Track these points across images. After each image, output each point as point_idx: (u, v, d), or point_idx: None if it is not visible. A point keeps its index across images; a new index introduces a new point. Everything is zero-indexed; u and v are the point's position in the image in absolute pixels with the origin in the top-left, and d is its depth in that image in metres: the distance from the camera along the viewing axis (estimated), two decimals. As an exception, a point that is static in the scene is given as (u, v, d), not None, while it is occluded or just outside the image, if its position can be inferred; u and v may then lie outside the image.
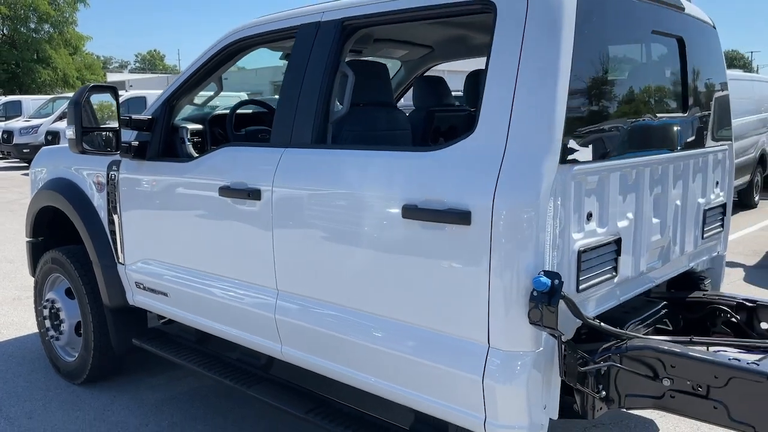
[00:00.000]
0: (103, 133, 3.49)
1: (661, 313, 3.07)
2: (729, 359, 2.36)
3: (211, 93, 3.95)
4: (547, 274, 2.14)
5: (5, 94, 33.00)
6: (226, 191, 3.09)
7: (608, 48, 2.47)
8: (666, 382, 2.43)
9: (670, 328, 3.11)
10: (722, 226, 3.50)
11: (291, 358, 3.04)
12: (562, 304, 2.22)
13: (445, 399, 2.43)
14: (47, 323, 4.43)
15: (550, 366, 2.28)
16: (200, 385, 4.30)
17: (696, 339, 2.66)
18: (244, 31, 3.35)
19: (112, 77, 55.86)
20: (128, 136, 3.70)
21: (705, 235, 3.29)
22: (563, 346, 2.24)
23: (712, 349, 2.63)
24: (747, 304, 3.16)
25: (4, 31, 39.64)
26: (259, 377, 3.32)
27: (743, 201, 11.34)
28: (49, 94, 32.76)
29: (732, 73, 11.76)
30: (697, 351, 2.44)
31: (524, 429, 2.29)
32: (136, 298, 3.88)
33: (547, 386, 2.31)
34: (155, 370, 4.49)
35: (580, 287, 2.37)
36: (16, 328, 5.42)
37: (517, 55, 2.27)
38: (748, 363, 2.32)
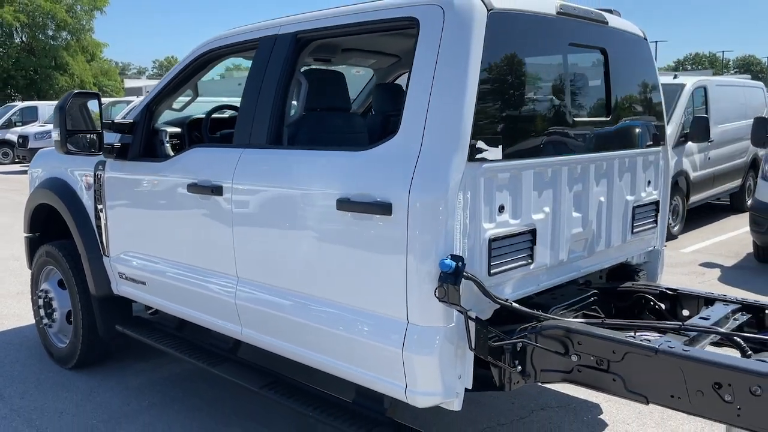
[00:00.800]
0: (88, 135, 3.83)
1: (590, 300, 3.35)
2: (625, 336, 2.64)
3: (195, 99, 4.28)
4: (453, 257, 2.44)
5: (24, 99, 33.75)
6: (193, 188, 3.42)
7: (519, 59, 2.77)
8: (574, 358, 2.72)
9: (601, 315, 3.37)
10: (655, 222, 3.77)
11: (250, 339, 3.36)
12: (470, 284, 2.52)
13: (374, 371, 2.74)
14: (41, 312, 4.79)
15: (462, 340, 2.57)
16: (181, 370, 4.62)
17: (607, 321, 2.94)
18: (215, 42, 3.69)
19: (129, 83, 56.75)
20: (113, 138, 4.04)
21: (635, 230, 3.57)
22: (470, 321, 2.53)
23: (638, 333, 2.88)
24: (669, 292, 3.44)
25: (23, 39, 40.49)
26: (224, 358, 3.64)
27: (735, 205, 11.53)
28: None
29: (723, 79, 11.97)
30: (600, 330, 2.72)
31: (439, 395, 2.59)
32: (120, 288, 4.21)
33: (461, 358, 2.61)
34: (141, 357, 4.82)
35: (492, 271, 2.66)
36: (18, 320, 5.78)
37: (433, 66, 2.58)
38: (641, 340, 2.60)
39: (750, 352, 2.64)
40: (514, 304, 2.75)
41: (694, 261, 8.04)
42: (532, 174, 2.82)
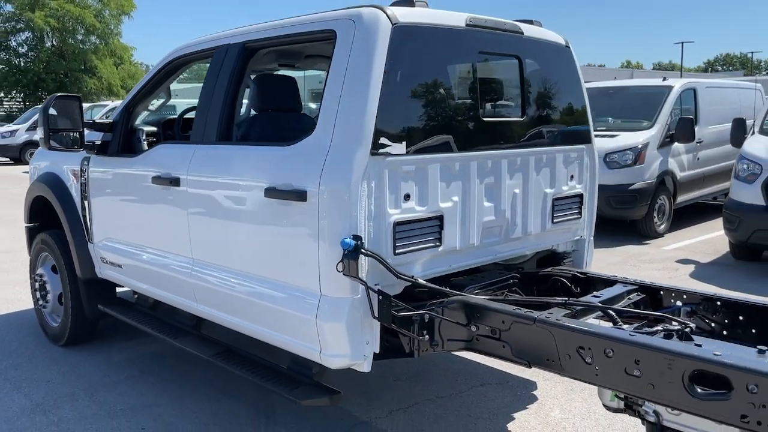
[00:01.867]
0: (72, 133, 4.30)
1: (509, 282, 3.72)
2: (513, 309, 3.01)
3: (168, 100, 4.74)
4: (354, 237, 2.84)
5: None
6: (157, 179, 3.87)
7: (424, 66, 3.16)
8: (473, 329, 3.10)
9: (522, 295, 3.72)
10: (579, 213, 4.11)
11: (204, 314, 3.79)
12: (372, 260, 2.92)
13: (296, 337, 3.15)
14: (37, 294, 5.28)
15: (368, 309, 2.96)
16: (160, 348, 5.07)
17: (509, 298, 3.31)
18: (181, 50, 4.14)
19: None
20: (98, 136, 4.51)
21: (556, 221, 3.92)
22: (371, 292, 2.92)
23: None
24: (580, 276, 3.80)
25: (54, 42, 41.71)
26: (186, 333, 4.08)
27: (728, 205, 11.68)
28: (94, 102, 34.33)
29: (714, 80, 12.14)
30: (494, 304, 3.09)
31: (347, 357, 2.99)
32: (102, 271, 4.68)
33: (368, 326, 2.99)
34: (126, 336, 5.29)
35: (397, 251, 3.05)
36: (22, 304, 6.29)
37: (344, 72, 2.98)
38: (524, 311, 2.97)
39: (620, 323, 3.00)
40: (420, 280, 3.14)
41: (673, 258, 8.31)
42: (438, 167, 3.20)
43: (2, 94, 42.29)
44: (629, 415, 2.84)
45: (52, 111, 4.12)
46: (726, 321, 3.23)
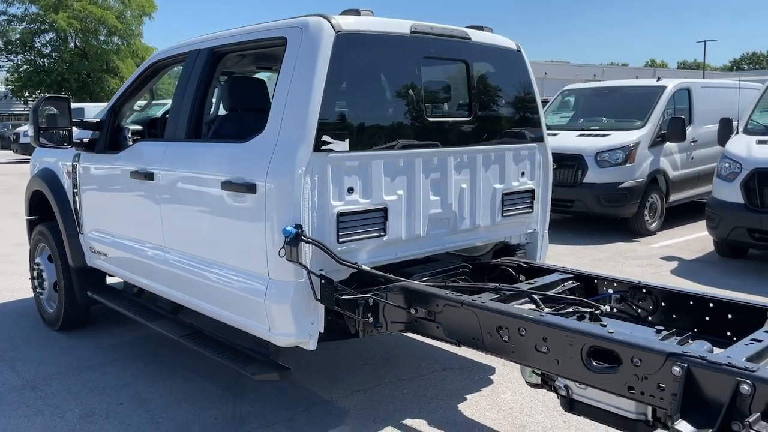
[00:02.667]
0: (62, 131, 4.64)
1: (459, 271, 3.98)
2: (446, 293, 3.27)
3: (152, 101, 5.06)
4: (296, 226, 3.13)
5: (77, 101, 35.57)
6: (134, 174, 4.19)
7: (367, 70, 3.44)
8: (413, 311, 3.37)
9: (471, 283, 3.97)
10: (531, 208, 4.36)
11: (176, 299, 4.11)
12: (315, 247, 3.20)
13: (250, 317, 3.44)
14: (35, 282, 5.64)
15: (311, 292, 3.24)
16: (147, 334, 5.38)
17: (448, 285, 3.57)
18: (160, 55, 4.46)
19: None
20: (88, 134, 4.85)
21: (506, 214, 4.17)
22: (313, 276, 3.20)
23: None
24: (524, 265, 4.05)
25: (77, 43, 42.58)
26: (162, 317, 4.40)
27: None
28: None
29: (710, 81, 12.21)
30: (430, 288, 3.36)
31: (293, 336, 3.28)
32: (92, 261, 5.02)
33: (312, 307, 3.28)
34: (118, 322, 5.62)
35: (341, 240, 3.33)
36: (25, 293, 6.66)
37: (291, 75, 3.27)
38: (455, 295, 3.23)
39: (542, 306, 3.25)
40: (364, 267, 3.42)
41: (659, 255, 8.48)
42: (382, 163, 3.47)
43: (27, 94, 43.23)
44: (546, 390, 3.09)
45: (48, 109, 4.46)
46: (651, 307, 3.47)
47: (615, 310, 3.59)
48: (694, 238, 9.52)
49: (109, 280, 5.40)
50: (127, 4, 42.41)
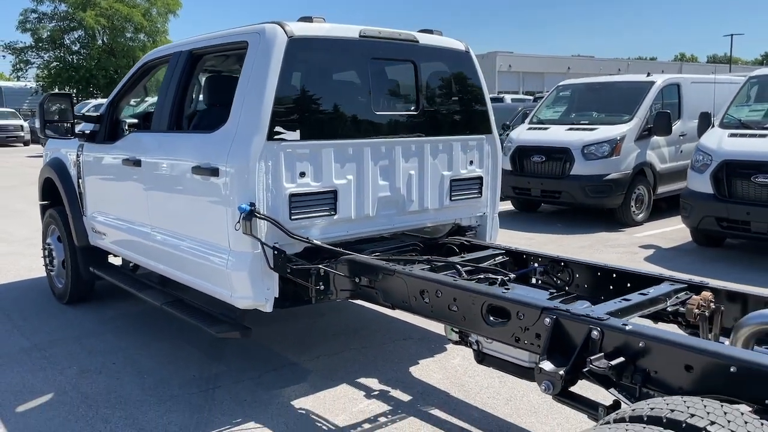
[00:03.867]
0: (65, 124, 5.22)
1: (409, 248, 4.47)
2: (383, 264, 3.77)
3: (146, 97, 5.63)
4: (250, 204, 3.65)
5: (104, 97, 36.63)
6: (126, 161, 4.75)
7: (317, 70, 3.95)
8: (357, 280, 3.87)
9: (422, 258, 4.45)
10: (480, 193, 4.83)
11: (161, 271, 4.67)
12: (269, 223, 3.72)
13: (217, 284, 3.98)
14: (46, 260, 6.26)
15: (266, 262, 3.77)
16: (145, 308, 5.96)
17: (392, 258, 4.07)
18: (150, 56, 5.03)
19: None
20: (90, 127, 5.44)
21: (453, 198, 4.65)
22: (266, 248, 3.73)
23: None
24: (466, 243, 4.53)
25: (104, 40, 43.67)
26: (151, 287, 4.97)
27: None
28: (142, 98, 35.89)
29: (700, 76, 12.46)
30: (372, 260, 3.86)
31: (251, 299, 3.81)
32: (94, 240, 5.61)
33: (268, 275, 3.80)
34: (120, 298, 6.22)
35: (293, 217, 3.84)
36: (41, 272, 7.29)
37: (249, 74, 3.79)
38: (391, 265, 3.73)
39: (463, 274, 3.73)
40: (315, 241, 3.93)
41: (639, 243, 8.87)
42: (332, 151, 3.98)
43: (56, 90, 44.45)
44: (464, 345, 3.58)
45: (47, 106, 5.06)
46: (567, 278, 3.93)
47: (539, 281, 4.06)
48: (678, 229, 9.82)
49: (112, 260, 6.00)
50: (153, 2, 43.38)
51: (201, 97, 5.34)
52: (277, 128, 3.74)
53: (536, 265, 4.12)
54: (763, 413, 2.26)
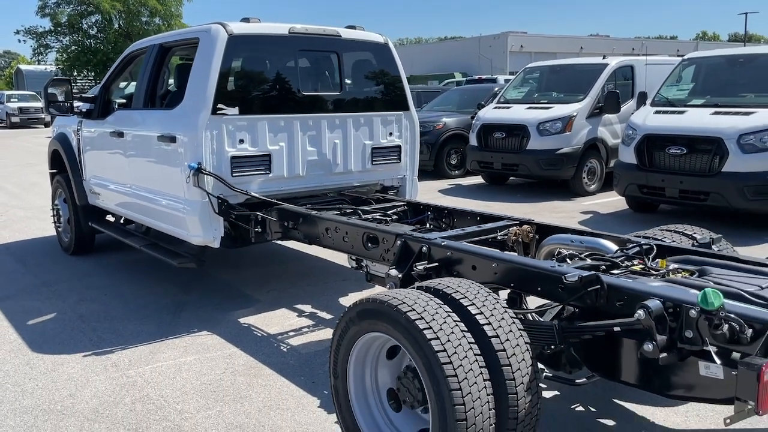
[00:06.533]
0: (65, 103, 6.41)
1: (336, 204, 5.60)
2: (304, 210, 4.91)
3: (131, 82, 6.80)
4: (198, 163, 4.81)
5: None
6: (113, 134, 5.93)
7: (252, 60, 5.08)
8: (286, 224, 5.02)
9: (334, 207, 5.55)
10: (399, 159, 5.94)
11: (138, 219, 5.87)
12: (214, 178, 4.88)
13: (178, 227, 5.17)
14: (55, 219, 7.50)
15: (212, 208, 4.92)
16: (140, 257, 7.17)
17: (315, 207, 5.20)
18: (132, 48, 6.20)
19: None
20: (87, 106, 6.62)
21: (374, 163, 5.77)
22: (212, 197, 4.88)
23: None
24: (380, 197, 5.66)
25: (120, 24, 45.06)
26: (135, 236, 6.17)
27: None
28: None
29: (656, 58, 13.33)
30: (296, 208, 5.00)
31: (201, 237, 4.99)
32: (92, 200, 6.81)
33: (214, 219, 4.97)
34: (118, 249, 7.43)
35: (234, 175, 4.99)
36: (52, 231, 8.56)
37: (199, 64, 4.93)
38: (311, 211, 4.86)
39: (361, 216, 4.86)
40: (252, 193, 5.08)
41: (580, 210, 9.93)
42: (266, 123, 5.11)
43: (75, 73, 45.95)
44: (359, 270, 4.70)
45: (51, 89, 6.25)
46: (449, 222, 5.04)
47: (431, 225, 5.17)
48: (622, 199, 10.87)
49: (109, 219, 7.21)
50: (167, -14, 44.66)
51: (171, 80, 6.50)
52: (220, 105, 4.87)
53: (429, 213, 5.23)
54: (512, 293, 3.41)
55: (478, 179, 13.21)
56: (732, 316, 2.41)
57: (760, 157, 7.61)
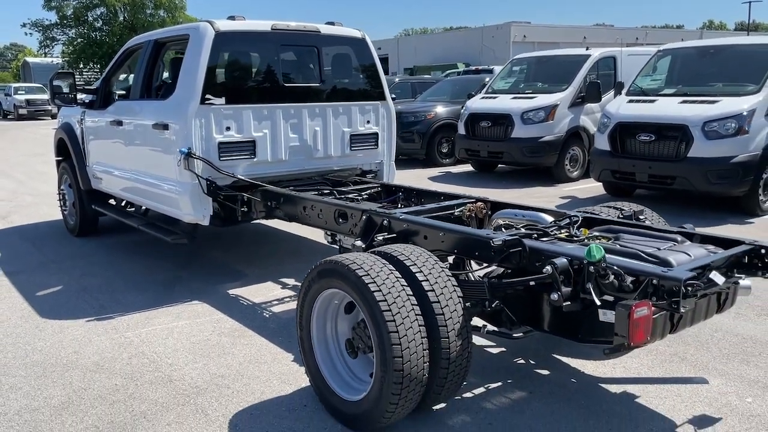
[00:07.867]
0: (69, 94, 6.93)
1: (318, 186, 6.12)
2: (285, 191, 5.42)
3: (130, 74, 7.31)
4: (189, 148, 5.32)
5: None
6: (113, 122, 6.45)
7: (237, 55, 5.58)
8: (269, 204, 5.53)
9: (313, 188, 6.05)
10: (376, 145, 6.44)
11: (136, 201, 6.40)
12: (203, 162, 5.39)
13: (172, 207, 5.69)
14: (61, 203, 8.04)
15: (201, 189, 5.44)
16: (141, 239, 7.70)
17: (296, 188, 5.71)
18: (130, 43, 6.71)
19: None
20: (89, 97, 7.14)
21: (353, 149, 6.27)
22: (200, 179, 5.40)
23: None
24: (358, 180, 6.16)
25: (125, 17, 45.55)
26: (134, 216, 6.70)
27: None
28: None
29: (639, 49, 13.74)
30: (279, 189, 5.51)
31: (192, 215, 5.51)
32: (95, 184, 7.34)
33: (204, 199, 5.48)
34: (120, 231, 7.98)
35: (221, 159, 5.50)
36: (59, 216, 9.11)
37: (188, 58, 5.44)
38: (289, 192, 5.37)
39: (336, 196, 5.37)
40: (238, 176, 5.59)
41: (559, 195, 10.40)
42: (251, 112, 5.61)
43: (81, 65, 46.54)
44: (335, 245, 5.22)
45: (56, 82, 6.77)
46: (418, 201, 5.54)
47: (401, 205, 5.67)
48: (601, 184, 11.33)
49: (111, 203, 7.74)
50: (171, -22, 45.09)
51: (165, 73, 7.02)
52: (208, 96, 5.38)
53: (400, 193, 5.74)
54: (456, 258, 3.92)
55: (467, 167, 13.69)
56: (614, 267, 2.91)
57: (722, 143, 8.07)
